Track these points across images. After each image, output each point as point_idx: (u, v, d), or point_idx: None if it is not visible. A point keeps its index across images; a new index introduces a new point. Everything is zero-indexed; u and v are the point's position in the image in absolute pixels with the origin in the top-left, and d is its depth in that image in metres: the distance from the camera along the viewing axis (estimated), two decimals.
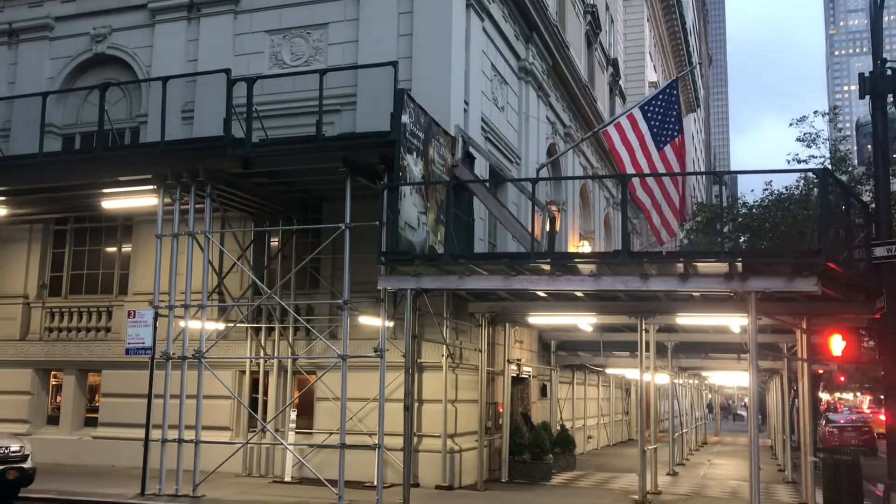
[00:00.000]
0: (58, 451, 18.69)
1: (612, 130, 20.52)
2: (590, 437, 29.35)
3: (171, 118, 16.42)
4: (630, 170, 19.83)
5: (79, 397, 19.93)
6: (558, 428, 22.94)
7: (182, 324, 15.28)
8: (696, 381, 38.18)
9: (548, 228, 17.68)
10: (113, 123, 17.82)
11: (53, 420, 20.04)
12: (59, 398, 20.16)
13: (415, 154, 14.71)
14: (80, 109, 20.57)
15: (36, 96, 17.57)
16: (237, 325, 17.65)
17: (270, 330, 18.10)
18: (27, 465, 14.20)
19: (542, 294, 16.01)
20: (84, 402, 20.03)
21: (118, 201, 17.34)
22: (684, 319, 17.59)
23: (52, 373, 20.29)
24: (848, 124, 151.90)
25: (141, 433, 15.24)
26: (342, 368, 14.29)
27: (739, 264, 12.87)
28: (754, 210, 28.71)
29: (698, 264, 13.23)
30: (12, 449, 14.08)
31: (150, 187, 16.02)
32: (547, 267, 13.82)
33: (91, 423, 19.68)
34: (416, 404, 15.97)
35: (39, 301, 20.47)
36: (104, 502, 14.09)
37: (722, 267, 12.94)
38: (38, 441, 17.40)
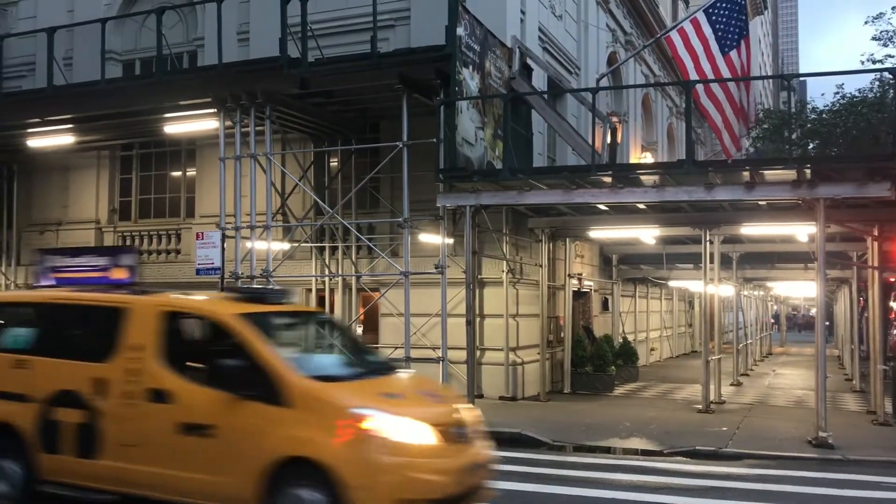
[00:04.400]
0: None
1: (674, 36, 19.79)
2: (652, 350, 29.43)
3: (227, 40, 16.41)
4: (694, 76, 19.18)
5: None
6: (620, 340, 23.04)
7: (249, 244, 15.65)
8: (762, 293, 37.65)
9: (609, 140, 17.32)
10: (171, 48, 17.95)
11: None
12: None
13: (471, 68, 14.47)
14: (138, 35, 20.70)
15: (95, 23, 17.73)
16: (301, 244, 17.99)
17: (334, 249, 18.42)
18: None
19: (603, 207, 15.85)
20: None
21: (180, 125, 17.59)
22: (750, 229, 17.27)
23: None
24: None
25: None
26: (405, 285, 14.52)
27: (808, 171, 12.49)
28: (824, 115, 27.52)
29: (765, 172, 12.88)
30: None
31: (211, 110, 16.19)
32: (608, 179, 13.64)
33: None
34: (477, 319, 16.17)
35: (111, 226, 21.15)
36: None
37: (789, 174, 12.57)
38: None
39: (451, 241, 15.62)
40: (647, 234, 18.97)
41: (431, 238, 16.22)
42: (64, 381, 7.92)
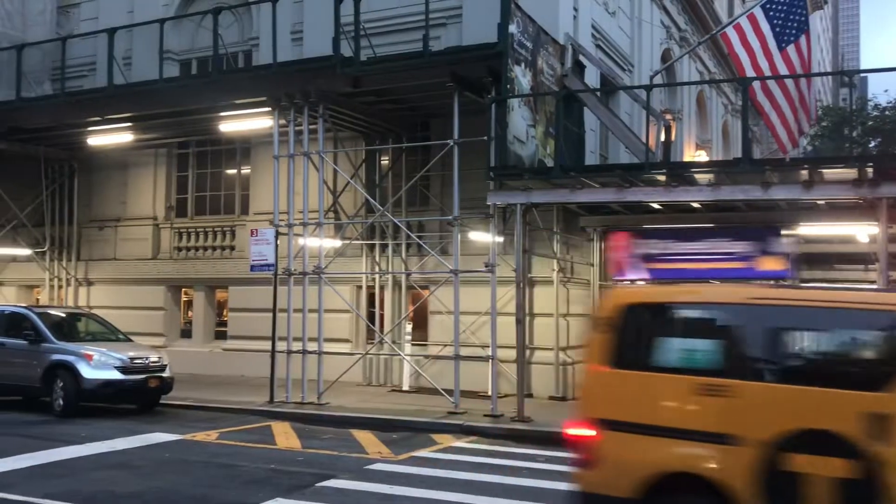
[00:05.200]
0: (191, 362, 19.97)
1: (731, 32, 19.38)
2: None
3: (281, 40, 16.63)
4: (750, 73, 18.77)
5: (208, 312, 21.14)
6: None
7: (301, 241, 15.84)
8: None
9: (662, 138, 17.08)
10: (227, 47, 18.24)
11: (186, 333, 21.40)
12: (190, 313, 21.47)
13: (523, 65, 14.41)
14: (194, 35, 21.10)
15: (153, 23, 18.13)
16: (352, 241, 18.14)
17: (384, 246, 18.53)
18: (166, 374, 15.28)
19: (656, 206, 15.61)
20: (213, 317, 21.25)
21: (235, 124, 17.90)
22: (807, 229, 16.82)
23: (183, 289, 21.55)
24: None
25: (267, 345, 16.08)
26: (454, 283, 14.53)
27: (870, 169, 12.13)
28: (887, 112, 26.76)
29: (824, 171, 12.57)
30: (152, 359, 15.16)
31: (265, 109, 16.44)
32: (662, 178, 13.44)
33: (221, 335, 20.90)
34: (527, 318, 16.10)
35: (168, 222, 21.61)
36: (237, 409, 15.06)
37: (850, 173, 12.24)
38: (173, 353, 18.62)
39: (500, 239, 15.57)
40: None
41: (481, 236, 16.20)
42: (807, 417, 5.58)
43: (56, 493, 8.48)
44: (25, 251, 22.27)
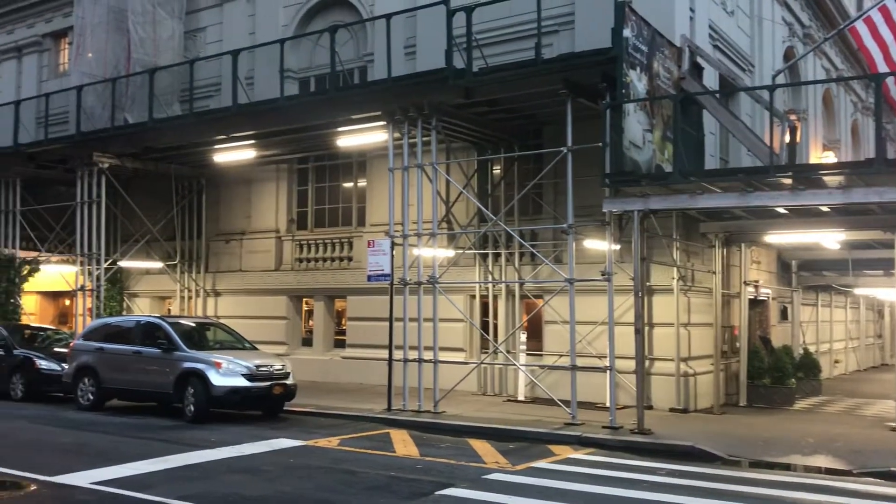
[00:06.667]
0: (312, 369, 20.56)
1: (860, 26, 18.42)
2: (837, 362, 27.44)
3: (394, 55, 16.94)
4: (883, 68, 17.75)
5: (328, 321, 21.72)
6: (801, 352, 21.65)
7: (416, 251, 16.05)
8: None
9: (787, 139, 16.38)
10: (343, 64, 18.76)
11: (307, 342, 22.06)
12: (310, 322, 22.12)
13: (638, 69, 14.13)
14: (312, 53, 21.81)
15: (274, 44, 18.86)
16: (466, 251, 18.24)
17: (497, 255, 18.54)
18: (289, 381, 15.77)
19: (781, 211, 14.95)
20: (333, 326, 21.82)
21: (352, 138, 18.36)
22: None
23: (304, 299, 22.24)
24: None
25: (384, 353, 16.35)
26: (569, 292, 14.36)
27: None
28: None
29: None
30: (276, 367, 15.69)
31: (380, 123, 16.80)
32: (788, 181, 12.86)
33: (340, 344, 21.43)
34: (646, 328, 15.73)
35: (289, 234, 22.37)
36: (356, 416, 15.38)
37: None
38: (294, 361, 19.19)
39: (617, 247, 15.29)
40: (831, 239, 17.71)
41: (597, 244, 15.95)
42: None
43: (190, 495, 8.88)
44: (158, 264, 23.55)
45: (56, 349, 18.58)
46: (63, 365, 17.41)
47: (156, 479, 9.79)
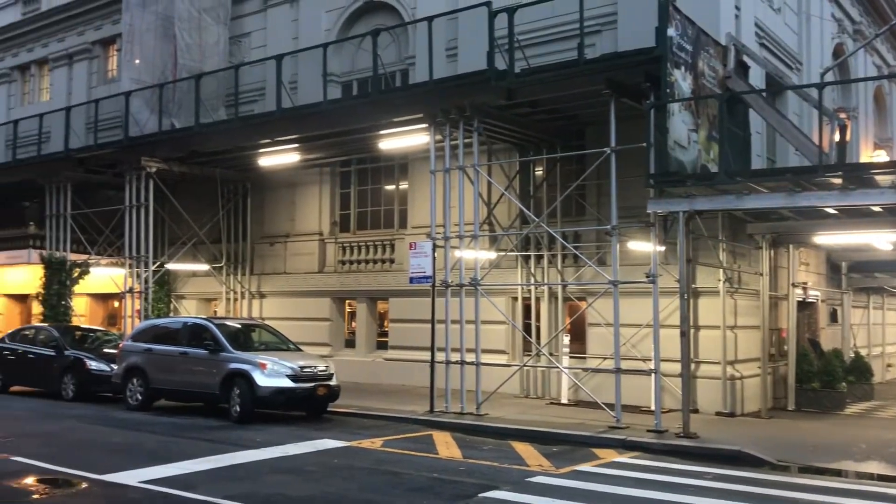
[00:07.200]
0: (354, 370, 20.67)
1: None
2: (889, 366, 26.75)
3: (436, 57, 16.96)
4: None
5: (370, 323, 21.83)
6: (851, 355, 21.15)
7: (457, 253, 16.05)
8: None
9: (837, 138, 16.02)
10: (385, 67, 18.83)
11: (350, 343, 22.19)
12: (353, 324, 22.26)
13: (682, 68, 13.95)
14: (354, 57, 21.96)
15: (317, 48, 19.03)
16: (508, 253, 18.19)
17: (539, 257, 18.45)
18: (332, 383, 15.89)
19: (831, 211, 14.63)
20: (375, 327, 21.92)
21: (393, 141, 18.44)
22: None
23: (347, 301, 22.38)
24: None
25: (426, 355, 16.38)
26: (613, 294, 14.22)
27: None
28: None
29: None
30: (319, 368, 15.81)
31: (422, 126, 16.83)
32: (838, 181, 12.58)
33: (382, 346, 21.52)
34: (691, 330, 15.51)
35: (332, 237, 22.54)
36: (399, 417, 15.42)
37: None
38: (337, 362, 19.32)
39: (662, 248, 15.11)
40: (883, 240, 17.27)
41: (641, 245, 15.78)
42: None
43: (235, 495, 8.98)
44: (204, 266, 23.91)
45: (105, 350, 18.99)
46: (112, 365, 17.78)
47: (202, 478, 9.93)
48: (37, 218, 25.97)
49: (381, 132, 18.23)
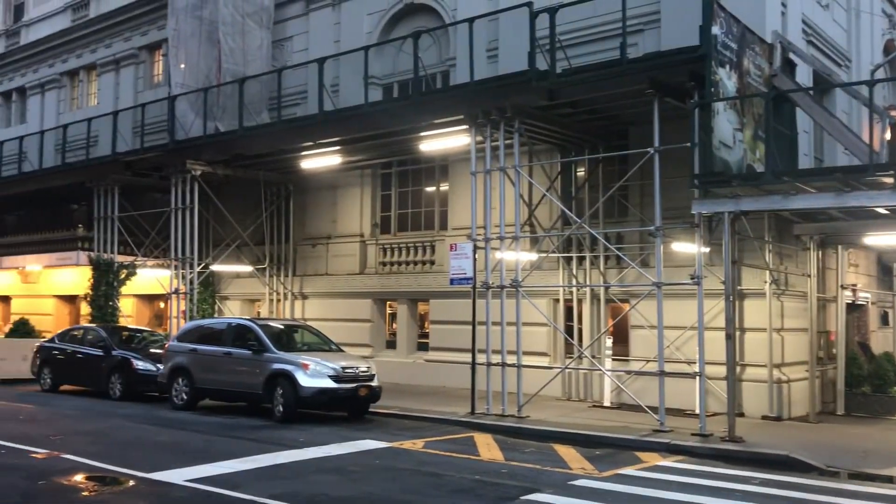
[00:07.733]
0: (395, 372, 20.72)
1: None
2: None
3: (477, 58, 16.93)
4: None
5: (411, 324, 21.88)
6: None
7: (498, 255, 16.00)
8: None
9: (888, 136, 15.66)
10: (426, 69, 18.87)
11: (391, 344, 22.26)
12: (394, 325, 22.33)
13: (727, 67, 13.74)
14: (395, 59, 22.04)
15: (358, 51, 19.14)
16: (549, 254, 18.09)
17: (581, 259, 18.31)
18: (374, 383, 15.95)
19: (882, 211, 14.27)
20: (416, 329, 21.97)
21: (434, 142, 18.46)
22: None
23: (388, 302, 22.46)
24: None
25: (467, 357, 16.35)
26: (657, 296, 14.06)
27: None
28: None
29: None
30: (361, 369, 15.89)
31: (463, 127, 16.82)
32: (889, 180, 12.28)
33: (423, 347, 21.55)
34: (737, 332, 15.26)
35: (373, 238, 22.65)
36: (440, 419, 15.42)
37: None
38: (378, 363, 19.37)
39: (706, 249, 14.90)
40: None
41: (685, 247, 15.58)
42: None
43: (279, 494, 9.06)
44: (248, 268, 24.19)
45: (151, 350, 19.33)
46: (158, 365, 18.08)
47: (246, 477, 10.04)
48: (85, 220, 26.53)
49: (422, 134, 18.27)
